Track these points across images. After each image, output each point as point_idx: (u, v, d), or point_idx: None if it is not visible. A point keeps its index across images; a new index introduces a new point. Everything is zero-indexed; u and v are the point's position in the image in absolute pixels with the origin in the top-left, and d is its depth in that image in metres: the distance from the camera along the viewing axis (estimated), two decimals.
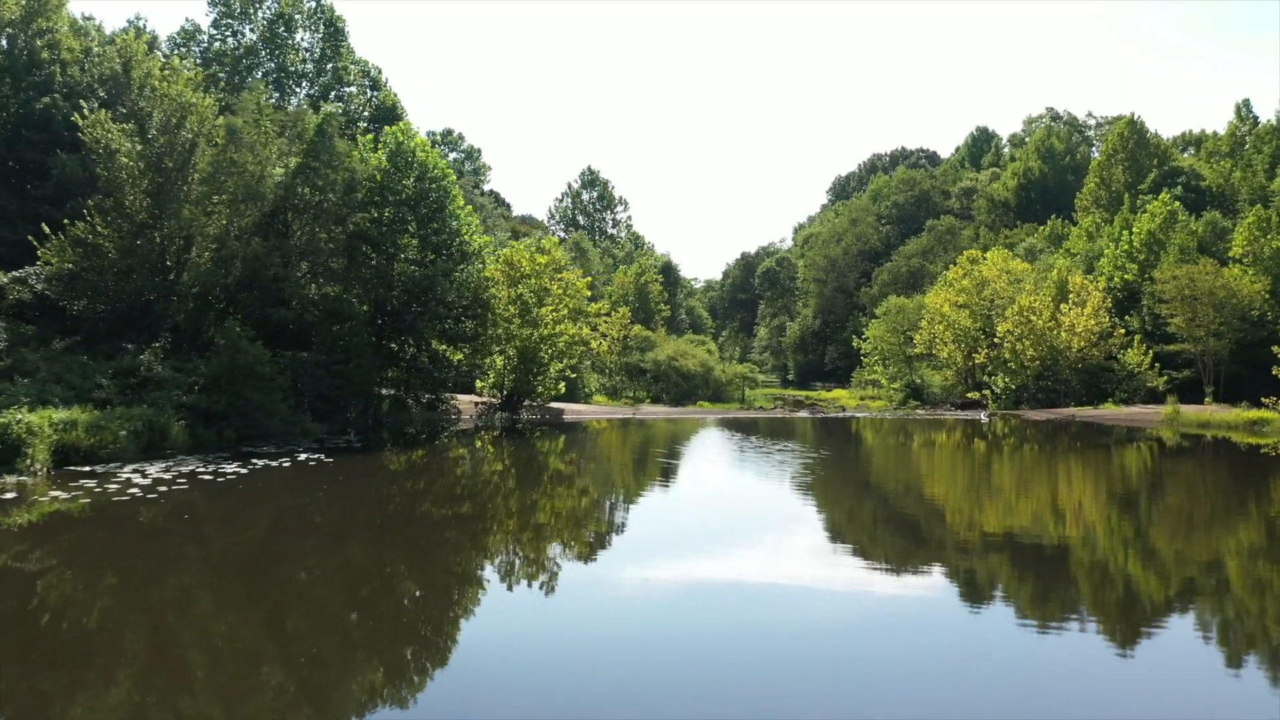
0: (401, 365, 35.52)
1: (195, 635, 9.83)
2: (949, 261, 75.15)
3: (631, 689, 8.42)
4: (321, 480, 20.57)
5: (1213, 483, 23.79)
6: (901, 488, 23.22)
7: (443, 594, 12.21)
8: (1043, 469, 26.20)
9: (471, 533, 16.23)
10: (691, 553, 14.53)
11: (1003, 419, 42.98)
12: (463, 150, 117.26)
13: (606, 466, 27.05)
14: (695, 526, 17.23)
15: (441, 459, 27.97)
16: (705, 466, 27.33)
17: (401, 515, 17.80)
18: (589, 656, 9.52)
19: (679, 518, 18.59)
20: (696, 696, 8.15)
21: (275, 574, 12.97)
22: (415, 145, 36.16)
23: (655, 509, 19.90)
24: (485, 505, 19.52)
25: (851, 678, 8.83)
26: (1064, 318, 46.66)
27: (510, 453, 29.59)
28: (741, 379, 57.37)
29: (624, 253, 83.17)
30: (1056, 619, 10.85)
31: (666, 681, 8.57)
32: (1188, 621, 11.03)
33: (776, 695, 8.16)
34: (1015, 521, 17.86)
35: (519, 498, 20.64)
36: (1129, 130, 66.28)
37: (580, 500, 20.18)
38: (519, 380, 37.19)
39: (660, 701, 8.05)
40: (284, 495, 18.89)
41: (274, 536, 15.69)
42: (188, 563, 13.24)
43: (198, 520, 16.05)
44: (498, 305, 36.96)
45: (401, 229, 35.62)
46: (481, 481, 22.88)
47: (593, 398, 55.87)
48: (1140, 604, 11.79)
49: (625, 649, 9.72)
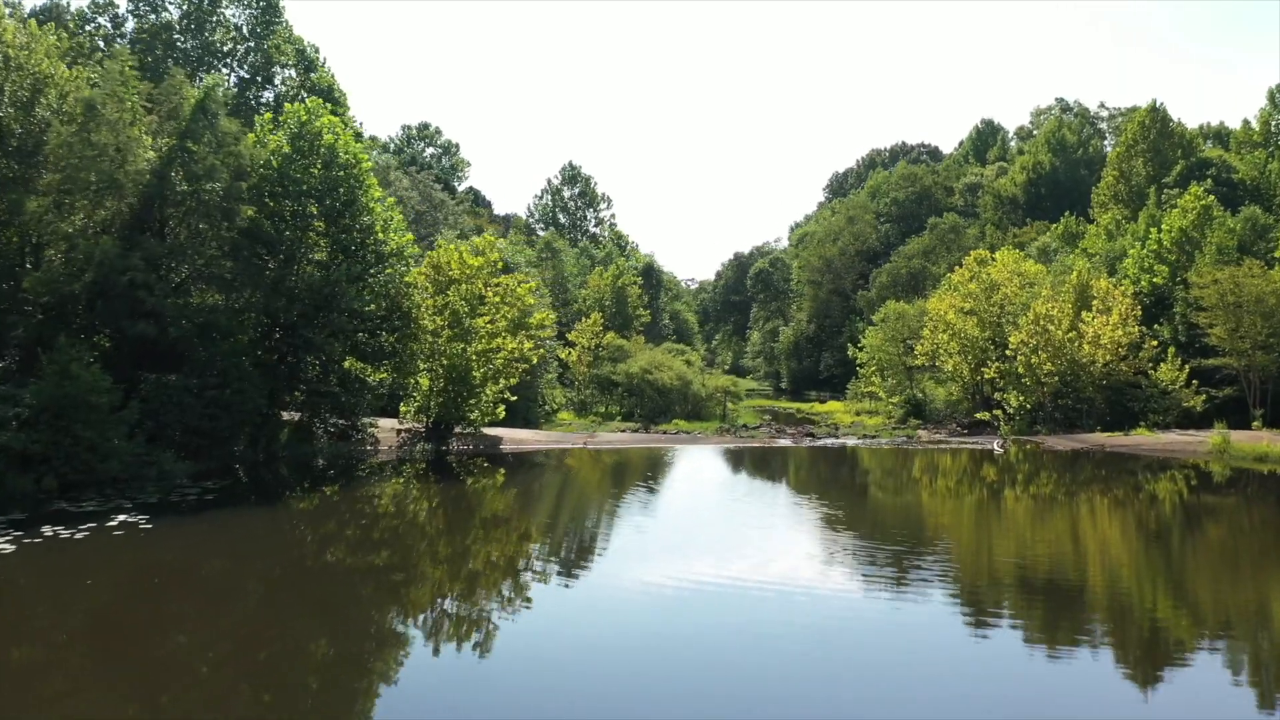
0: (303, 389, 29.78)
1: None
2: (953, 263, 69.28)
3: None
4: (72, 578, 14.65)
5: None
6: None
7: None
8: (1120, 555, 20.11)
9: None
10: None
11: (1019, 446, 37.14)
12: (439, 145, 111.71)
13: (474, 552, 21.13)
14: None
15: (328, 511, 22.23)
16: (627, 570, 16.80)
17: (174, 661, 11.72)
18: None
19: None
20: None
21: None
22: (322, 126, 30.38)
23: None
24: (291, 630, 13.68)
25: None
26: (1086, 327, 40.83)
27: (411, 506, 23.73)
28: (724, 393, 51.63)
29: (604, 253, 77.30)
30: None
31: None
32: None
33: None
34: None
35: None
36: (1150, 119, 60.43)
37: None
38: (447, 404, 31.41)
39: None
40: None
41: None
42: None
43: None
44: (422, 315, 31.21)
45: (304, 226, 29.87)
46: (335, 570, 16.95)
47: (557, 415, 50.14)
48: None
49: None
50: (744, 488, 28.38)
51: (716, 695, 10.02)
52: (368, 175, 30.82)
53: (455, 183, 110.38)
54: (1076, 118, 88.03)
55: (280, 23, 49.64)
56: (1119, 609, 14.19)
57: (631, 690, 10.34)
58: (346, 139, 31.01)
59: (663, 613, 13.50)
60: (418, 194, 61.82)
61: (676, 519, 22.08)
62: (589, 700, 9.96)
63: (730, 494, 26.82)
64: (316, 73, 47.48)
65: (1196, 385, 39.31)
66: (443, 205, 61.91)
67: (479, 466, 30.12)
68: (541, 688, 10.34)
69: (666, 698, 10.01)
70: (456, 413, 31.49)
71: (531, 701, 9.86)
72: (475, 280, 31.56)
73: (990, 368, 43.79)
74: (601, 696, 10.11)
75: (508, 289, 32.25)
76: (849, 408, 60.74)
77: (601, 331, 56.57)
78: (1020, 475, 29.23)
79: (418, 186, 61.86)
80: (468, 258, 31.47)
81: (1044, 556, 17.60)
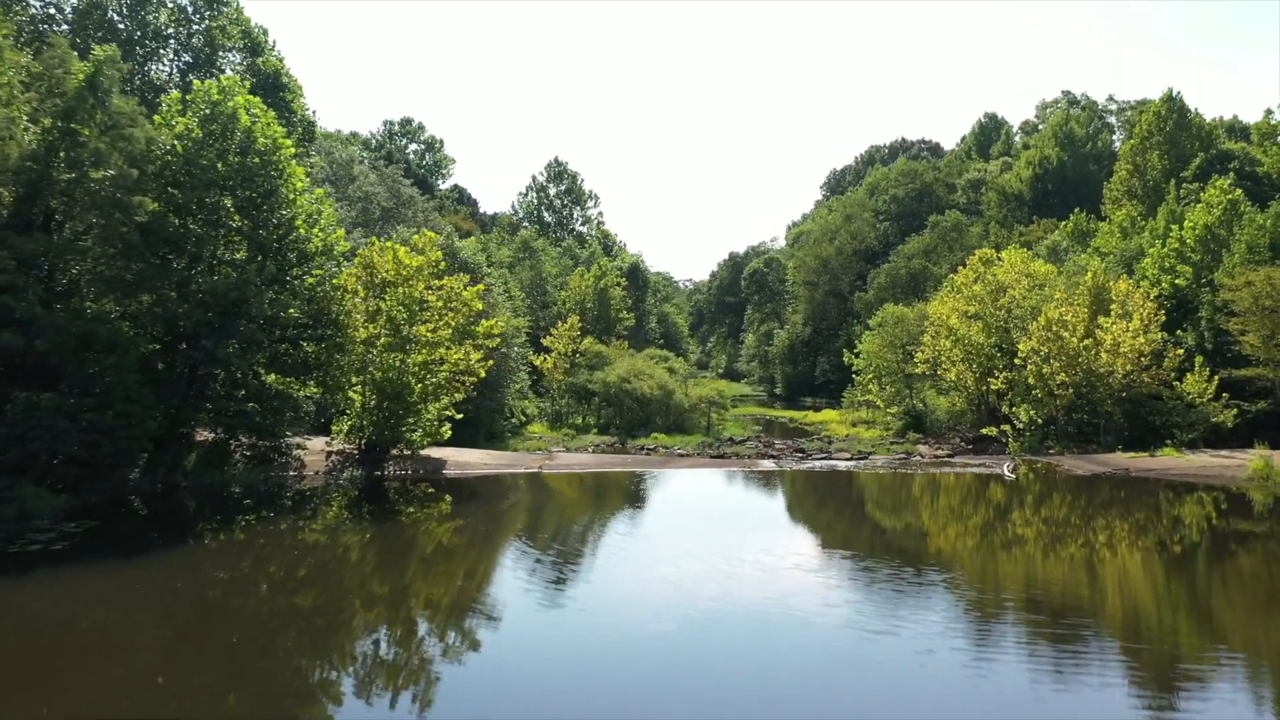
0: (210, 408, 25.95)
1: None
2: (955, 263, 65.50)
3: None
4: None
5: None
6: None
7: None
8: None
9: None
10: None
11: (1030, 467, 33.28)
12: (422, 141, 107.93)
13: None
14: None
15: (225, 554, 18.50)
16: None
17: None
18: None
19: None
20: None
21: None
22: (237, 106, 26.58)
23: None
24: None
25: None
26: (1104, 334, 36.98)
27: (319, 551, 19.87)
28: (708, 404, 47.81)
29: (587, 253, 73.46)
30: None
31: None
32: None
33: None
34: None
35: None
36: (1167, 109, 56.54)
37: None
38: (382, 424, 27.60)
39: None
40: None
41: None
42: None
43: None
44: (353, 323, 27.41)
45: (215, 221, 26.08)
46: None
47: (527, 428, 46.38)
48: None
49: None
50: (702, 544, 24.52)
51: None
52: (289, 163, 27.00)
53: (439, 180, 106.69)
54: (1084, 111, 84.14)
55: (228, 3, 45.85)
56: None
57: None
58: (267, 121, 27.21)
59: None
60: (385, 190, 58.02)
61: (587, 600, 18.25)
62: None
63: (680, 556, 22.93)
64: (262, 56, 43.62)
65: (1227, 398, 35.49)
66: (412, 202, 58.03)
67: (416, 496, 26.33)
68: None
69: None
70: (392, 433, 27.68)
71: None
72: (414, 283, 27.72)
73: (997, 378, 39.90)
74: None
75: (452, 292, 28.40)
76: (844, 417, 56.92)
77: (579, 336, 52.83)
78: (1041, 513, 25.11)
79: (385, 182, 58.04)
80: (404, 257, 27.61)
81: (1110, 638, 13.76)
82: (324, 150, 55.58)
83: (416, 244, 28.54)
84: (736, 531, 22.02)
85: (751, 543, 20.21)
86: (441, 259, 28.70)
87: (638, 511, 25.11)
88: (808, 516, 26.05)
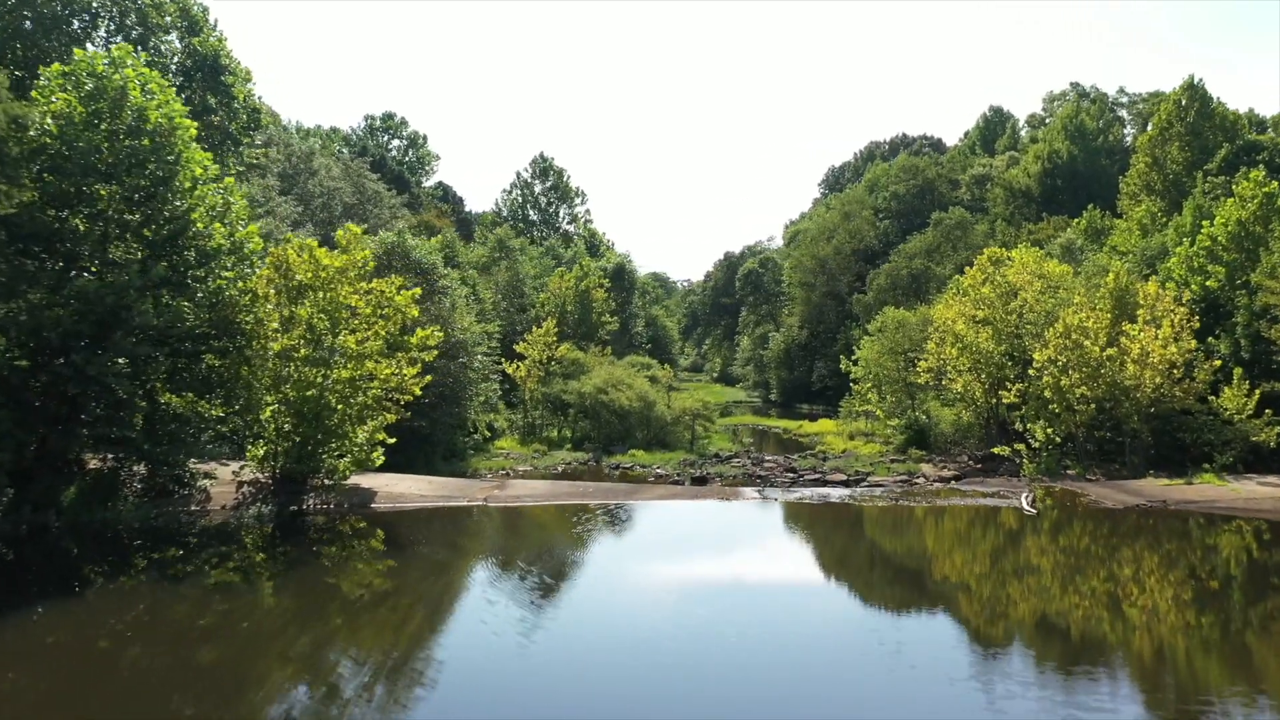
0: (87, 434, 22.03)
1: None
2: (960, 262, 61.64)
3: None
4: None
5: None
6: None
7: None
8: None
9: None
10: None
11: (1052, 496, 29.33)
12: (405, 137, 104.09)
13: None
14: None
15: (98, 612, 14.96)
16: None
17: None
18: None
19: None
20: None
21: None
22: (127, 80, 22.66)
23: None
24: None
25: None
26: (1130, 342, 33.08)
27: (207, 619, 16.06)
28: (692, 416, 43.91)
29: (571, 253, 69.52)
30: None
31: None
32: None
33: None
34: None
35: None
36: (1189, 97, 52.61)
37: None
38: (298, 450, 23.71)
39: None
40: None
41: None
42: None
43: None
44: (263, 333, 23.52)
45: (98, 215, 22.20)
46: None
47: (494, 443, 42.55)
48: None
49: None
50: (645, 651, 20.44)
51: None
52: (189, 147, 23.09)
53: (422, 178, 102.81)
54: (1094, 104, 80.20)
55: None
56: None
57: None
58: (165, 99, 23.30)
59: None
60: (350, 185, 54.11)
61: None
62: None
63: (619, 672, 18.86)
64: (200, 36, 39.66)
65: (1269, 415, 31.61)
66: (378, 198, 54.11)
67: (340, 534, 22.50)
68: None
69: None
70: (311, 461, 23.78)
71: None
72: (337, 286, 23.81)
73: (1010, 391, 35.91)
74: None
75: (383, 297, 24.49)
76: (841, 428, 53.00)
77: (556, 342, 48.94)
78: (1089, 577, 20.44)
79: (350, 176, 54.12)
80: (323, 256, 23.66)
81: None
82: (280, 142, 51.69)
83: (340, 241, 24.57)
84: (676, 633, 18.06)
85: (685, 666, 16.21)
86: (370, 258, 24.73)
87: (560, 578, 20.64)
88: (781, 589, 21.26)
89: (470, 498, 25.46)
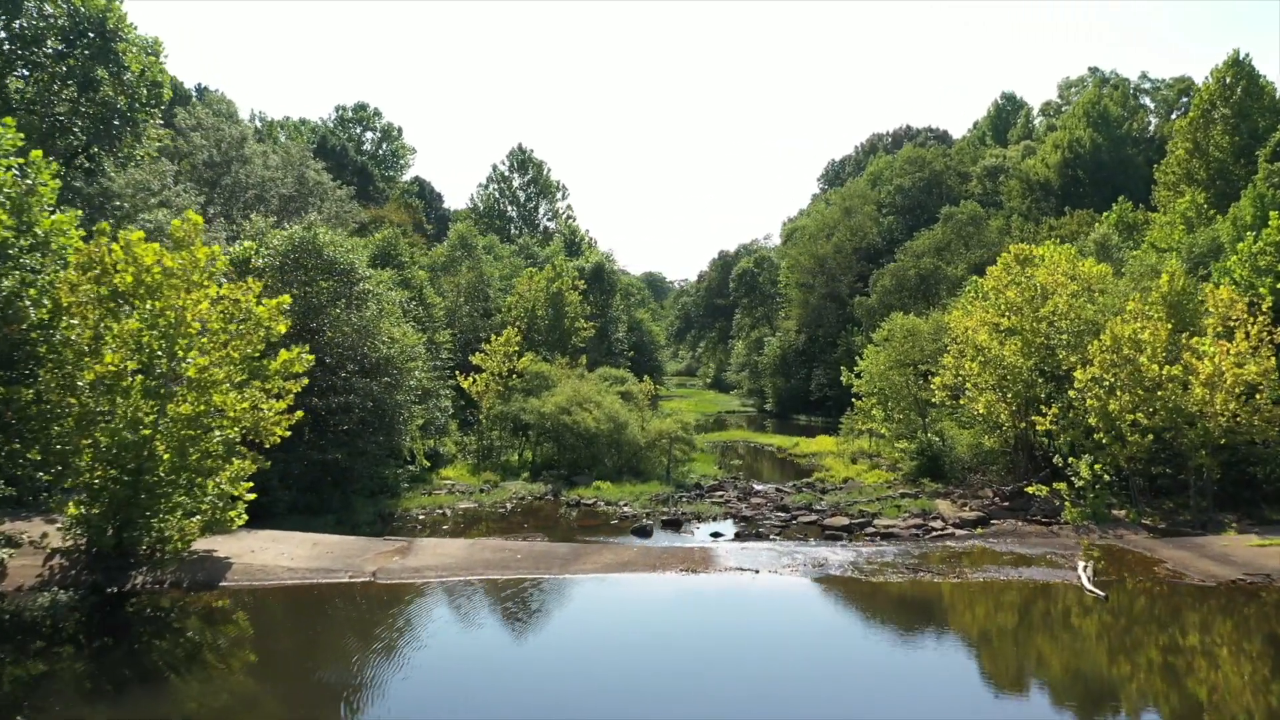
0: None
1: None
2: (974, 262, 55.81)
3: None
4: None
5: None
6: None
7: None
8: None
9: None
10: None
11: (1112, 563, 23.19)
12: (379, 129, 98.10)
13: None
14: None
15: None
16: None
17: None
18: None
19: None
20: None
21: None
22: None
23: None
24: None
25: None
26: (1197, 361, 27.12)
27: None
28: (670, 440, 38.00)
29: (547, 252, 63.51)
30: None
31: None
32: None
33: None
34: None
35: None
36: (1234, 75, 46.61)
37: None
38: (120, 513, 17.75)
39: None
40: None
41: None
42: None
43: None
44: (70, 356, 17.57)
45: None
46: None
47: (439, 471, 36.64)
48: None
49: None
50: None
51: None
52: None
53: (398, 172, 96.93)
54: (1116, 89, 74.19)
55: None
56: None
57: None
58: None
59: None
60: (292, 176, 48.13)
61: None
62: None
63: None
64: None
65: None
66: (320, 190, 48.11)
67: (169, 628, 16.60)
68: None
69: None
70: (130, 530, 17.81)
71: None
72: (169, 293, 17.81)
73: (1045, 416, 29.84)
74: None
75: (235, 307, 18.49)
76: (843, 447, 46.95)
77: (518, 352, 42.99)
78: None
79: (291, 165, 48.12)
80: (145, 254, 17.63)
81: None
82: (209, 126, 45.74)
83: (175, 234, 18.58)
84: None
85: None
86: (217, 256, 18.71)
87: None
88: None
89: (355, 571, 19.39)
